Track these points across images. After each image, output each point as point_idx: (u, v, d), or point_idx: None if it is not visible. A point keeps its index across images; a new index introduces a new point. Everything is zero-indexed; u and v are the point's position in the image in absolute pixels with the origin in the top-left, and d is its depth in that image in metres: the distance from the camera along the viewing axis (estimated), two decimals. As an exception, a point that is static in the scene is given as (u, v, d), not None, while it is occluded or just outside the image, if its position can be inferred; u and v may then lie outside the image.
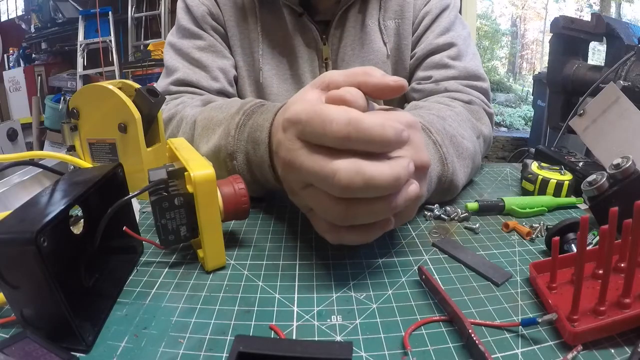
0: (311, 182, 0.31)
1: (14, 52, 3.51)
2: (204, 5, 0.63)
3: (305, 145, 0.30)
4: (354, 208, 0.29)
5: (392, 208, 0.30)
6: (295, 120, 0.31)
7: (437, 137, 0.44)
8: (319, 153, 0.29)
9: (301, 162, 0.30)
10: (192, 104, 0.56)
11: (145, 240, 0.35)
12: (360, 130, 0.27)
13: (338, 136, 0.28)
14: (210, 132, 0.47)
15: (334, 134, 0.28)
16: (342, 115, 0.28)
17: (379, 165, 0.28)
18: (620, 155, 0.41)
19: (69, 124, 0.50)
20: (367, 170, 0.27)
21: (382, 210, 0.30)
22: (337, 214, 0.30)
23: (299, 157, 0.30)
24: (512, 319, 0.29)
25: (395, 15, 0.65)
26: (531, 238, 0.41)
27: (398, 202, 0.30)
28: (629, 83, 0.79)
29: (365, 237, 0.32)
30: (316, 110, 0.29)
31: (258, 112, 0.43)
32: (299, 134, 0.31)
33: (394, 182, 0.28)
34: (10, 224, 0.24)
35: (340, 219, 0.31)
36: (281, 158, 0.33)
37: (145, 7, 3.09)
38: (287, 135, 0.32)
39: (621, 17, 3.48)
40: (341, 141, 0.28)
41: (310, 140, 0.30)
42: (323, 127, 0.28)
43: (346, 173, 0.27)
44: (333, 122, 0.28)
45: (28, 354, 0.23)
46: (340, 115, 0.28)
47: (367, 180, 0.27)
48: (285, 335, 0.27)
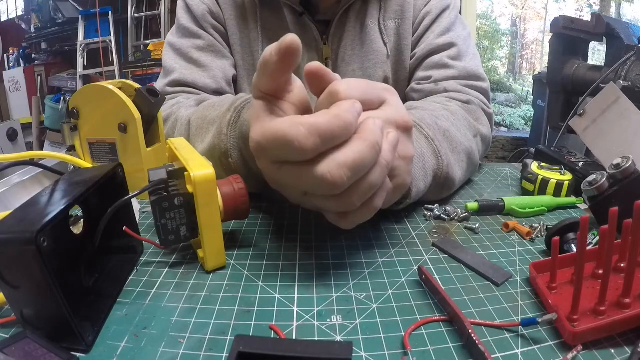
0: (306, 191, 0.31)
1: (14, 52, 3.51)
2: (205, 4, 0.63)
3: (281, 165, 0.30)
4: (353, 191, 0.30)
5: (384, 167, 0.30)
6: (259, 149, 0.31)
7: (428, 131, 0.44)
8: (297, 168, 0.29)
9: (286, 182, 0.31)
10: (186, 105, 0.56)
11: (145, 240, 0.35)
12: (322, 135, 0.27)
13: (308, 150, 0.27)
14: (205, 132, 0.47)
15: (303, 150, 0.27)
16: (300, 131, 0.27)
17: (354, 147, 0.28)
18: (620, 155, 0.41)
19: (69, 124, 0.50)
20: (348, 158, 0.28)
21: (378, 176, 0.30)
22: (342, 205, 0.31)
23: (282, 179, 0.31)
24: (512, 319, 0.29)
25: (395, 16, 0.65)
26: (531, 238, 0.41)
27: (386, 157, 0.30)
28: (629, 83, 0.79)
29: (373, 209, 0.32)
30: (273, 134, 0.28)
31: (246, 107, 0.43)
32: (270, 158, 0.31)
33: (374, 150, 0.28)
34: (10, 224, 0.24)
35: (349, 206, 0.31)
36: (268, 181, 0.34)
37: (145, 7, 3.09)
38: (261, 162, 0.32)
39: (621, 17, 3.48)
40: (312, 152, 0.28)
41: (283, 161, 0.30)
42: (289, 148, 0.28)
43: (332, 174, 0.28)
44: (295, 142, 0.27)
45: (28, 354, 0.23)
46: (299, 131, 0.27)
47: (352, 166, 0.28)
48: (285, 335, 0.27)
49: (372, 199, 0.32)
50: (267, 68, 0.30)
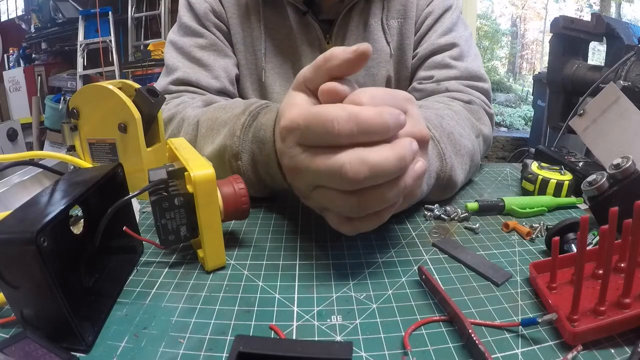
0: (319, 183, 0.31)
1: (14, 52, 3.51)
2: (207, 2, 0.63)
3: (306, 149, 0.31)
4: (366, 197, 0.30)
5: (402, 189, 0.30)
6: (292, 127, 0.31)
7: (434, 132, 0.44)
8: (321, 154, 0.29)
9: (306, 166, 0.31)
10: (193, 105, 0.56)
11: (145, 240, 0.35)
12: (360, 124, 0.28)
13: (342, 134, 0.28)
14: (215, 133, 0.47)
15: (338, 132, 0.28)
16: (341, 113, 0.28)
17: (381, 151, 0.28)
18: (620, 155, 0.41)
19: (69, 124, 0.50)
20: (371, 158, 0.28)
21: (394, 194, 0.30)
22: (350, 207, 0.31)
23: (302, 162, 0.31)
24: (512, 319, 0.29)
25: (398, 15, 0.65)
26: (531, 238, 0.41)
27: (407, 182, 0.30)
28: (629, 83, 0.79)
29: (378, 221, 0.33)
30: (313, 113, 0.29)
31: (262, 112, 0.43)
32: (298, 139, 0.31)
33: (399, 164, 0.29)
34: (10, 224, 0.24)
35: (356, 211, 0.31)
36: (286, 166, 0.34)
37: (145, 7, 3.09)
38: (286, 143, 0.32)
39: (621, 17, 3.48)
40: (345, 138, 0.28)
41: (311, 144, 0.30)
42: (325, 128, 0.28)
43: (352, 166, 0.28)
44: (334, 122, 0.28)
45: (28, 354, 0.23)
46: (339, 113, 0.28)
47: (373, 167, 0.28)
48: (285, 335, 0.27)
49: (380, 212, 0.32)
50: (330, 63, 0.31)
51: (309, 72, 0.32)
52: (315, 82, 0.32)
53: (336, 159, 0.28)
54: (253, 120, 0.43)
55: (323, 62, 0.31)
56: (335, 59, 0.30)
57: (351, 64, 0.31)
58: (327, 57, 0.31)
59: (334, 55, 0.31)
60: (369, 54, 0.30)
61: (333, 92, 0.31)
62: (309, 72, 0.32)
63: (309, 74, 0.32)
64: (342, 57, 0.30)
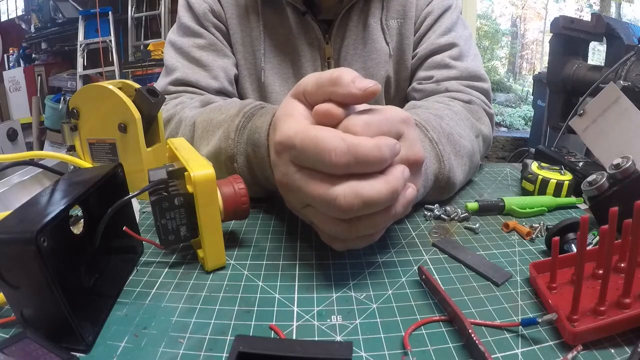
0: (312, 204, 0.31)
1: (14, 52, 3.51)
2: (206, 2, 0.63)
3: (300, 169, 0.30)
4: (355, 225, 0.30)
5: (392, 216, 0.31)
6: (288, 145, 0.30)
7: (433, 134, 0.44)
8: (315, 178, 0.29)
9: (299, 187, 0.31)
10: (191, 105, 0.56)
11: (145, 240, 0.35)
12: (358, 157, 0.28)
13: (339, 166, 0.28)
14: (210, 135, 0.47)
15: (335, 164, 0.28)
16: (340, 144, 0.27)
17: (375, 184, 0.28)
18: (620, 155, 0.41)
19: (69, 124, 0.50)
20: (366, 192, 0.28)
21: (383, 221, 0.31)
22: (340, 232, 0.31)
23: (295, 182, 0.31)
24: (512, 319, 0.29)
25: (397, 15, 0.65)
26: (531, 238, 0.41)
27: (397, 210, 0.31)
28: (629, 83, 0.79)
29: (370, 241, 0.34)
30: (311, 137, 0.29)
31: (257, 114, 0.43)
32: (293, 158, 0.31)
33: (391, 196, 0.29)
34: (10, 224, 0.24)
35: (344, 235, 0.31)
36: (278, 180, 0.33)
37: (145, 7, 3.08)
38: (280, 159, 0.32)
39: (621, 17, 3.48)
40: (341, 169, 0.28)
41: (306, 166, 0.30)
42: (321, 157, 0.28)
43: (345, 199, 0.28)
44: (332, 153, 0.27)
45: (28, 354, 0.23)
46: (338, 145, 0.27)
47: (367, 201, 0.28)
48: (285, 335, 0.27)
49: (371, 234, 0.32)
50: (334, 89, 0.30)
51: (310, 85, 0.32)
52: (314, 98, 0.31)
53: (330, 190, 0.28)
54: (247, 122, 0.43)
55: (328, 83, 0.30)
56: (341, 87, 0.29)
57: (355, 99, 0.30)
58: (333, 80, 0.30)
59: (340, 82, 0.29)
60: (377, 94, 0.30)
61: (328, 116, 0.30)
62: (310, 85, 0.32)
63: (310, 87, 0.32)
64: (348, 90, 0.29)
